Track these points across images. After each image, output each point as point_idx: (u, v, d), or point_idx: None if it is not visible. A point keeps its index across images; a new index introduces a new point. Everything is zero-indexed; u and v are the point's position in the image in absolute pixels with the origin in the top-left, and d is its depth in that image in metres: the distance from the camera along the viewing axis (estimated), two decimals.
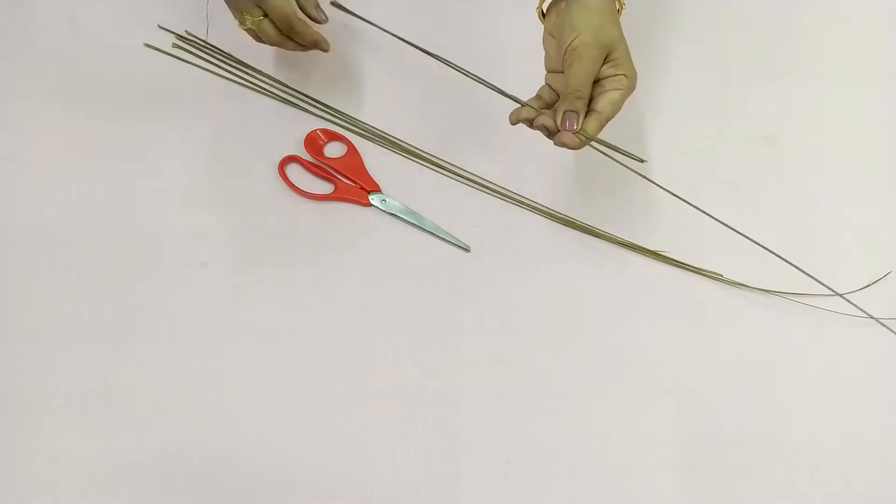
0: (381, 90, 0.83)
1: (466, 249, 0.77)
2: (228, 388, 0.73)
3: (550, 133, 0.67)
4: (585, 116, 0.66)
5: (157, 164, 0.80)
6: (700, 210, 0.68)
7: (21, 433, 0.72)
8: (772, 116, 0.82)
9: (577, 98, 0.65)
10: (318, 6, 0.78)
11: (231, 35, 0.84)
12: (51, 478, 0.71)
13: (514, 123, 0.69)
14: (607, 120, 0.67)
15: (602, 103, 0.66)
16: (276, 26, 0.76)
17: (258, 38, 0.78)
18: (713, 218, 0.67)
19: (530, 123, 0.68)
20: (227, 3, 0.76)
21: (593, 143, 0.67)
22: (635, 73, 0.67)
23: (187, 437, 0.71)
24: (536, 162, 0.80)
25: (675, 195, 0.68)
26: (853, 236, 0.77)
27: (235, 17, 0.76)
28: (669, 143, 0.80)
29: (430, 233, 0.78)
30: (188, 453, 0.71)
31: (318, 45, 0.79)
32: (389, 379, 0.73)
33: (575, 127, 0.65)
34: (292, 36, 0.77)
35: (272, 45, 0.78)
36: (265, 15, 0.75)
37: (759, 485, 0.70)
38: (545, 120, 0.67)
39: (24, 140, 0.81)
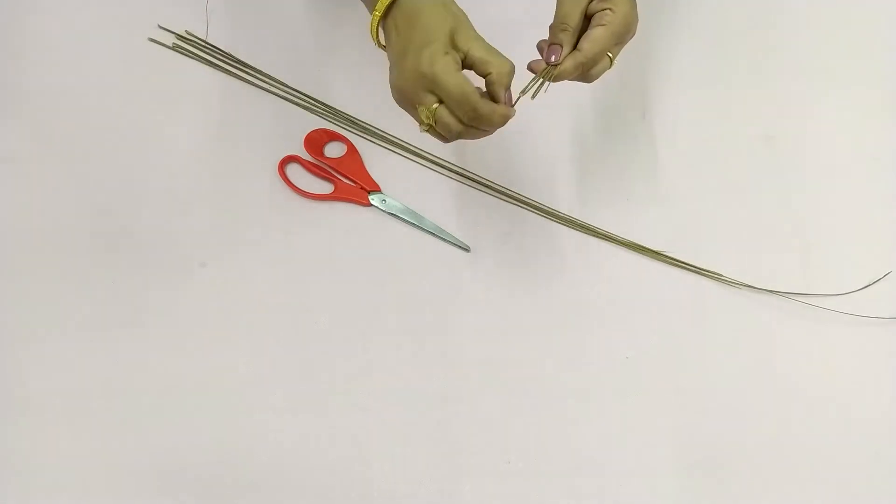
0: (381, 90, 0.83)
1: (466, 249, 0.77)
2: (228, 388, 0.73)
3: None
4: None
5: (156, 164, 0.80)
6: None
7: (21, 433, 0.72)
8: (772, 116, 0.81)
9: (562, 30, 0.64)
10: (508, 88, 0.62)
11: (230, 35, 0.84)
12: (50, 478, 0.71)
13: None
14: (585, 59, 0.64)
15: (583, 42, 0.64)
16: (454, 114, 0.62)
17: (441, 137, 0.64)
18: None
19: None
20: (398, 101, 0.65)
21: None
22: (628, 11, 0.64)
23: (186, 437, 0.71)
24: (536, 162, 0.80)
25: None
26: (853, 236, 0.77)
27: (413, 115, 0.64)
28: (670, 142, 0.80)
29: (430, 233, 0.78)
30: (188, 453, 0.71)
31: (506, 120, 0.62)
32: (389, 379, 0.73)
33: (553, 60, 0.63)
34: (476, 122, 0.61)
35: (453, 138, 0.63)
36: (441, 101, 0.62)
37: (759, 484, 0.70)
38: (541, 41, 0.65)
39: (25, 140, 0.81)
